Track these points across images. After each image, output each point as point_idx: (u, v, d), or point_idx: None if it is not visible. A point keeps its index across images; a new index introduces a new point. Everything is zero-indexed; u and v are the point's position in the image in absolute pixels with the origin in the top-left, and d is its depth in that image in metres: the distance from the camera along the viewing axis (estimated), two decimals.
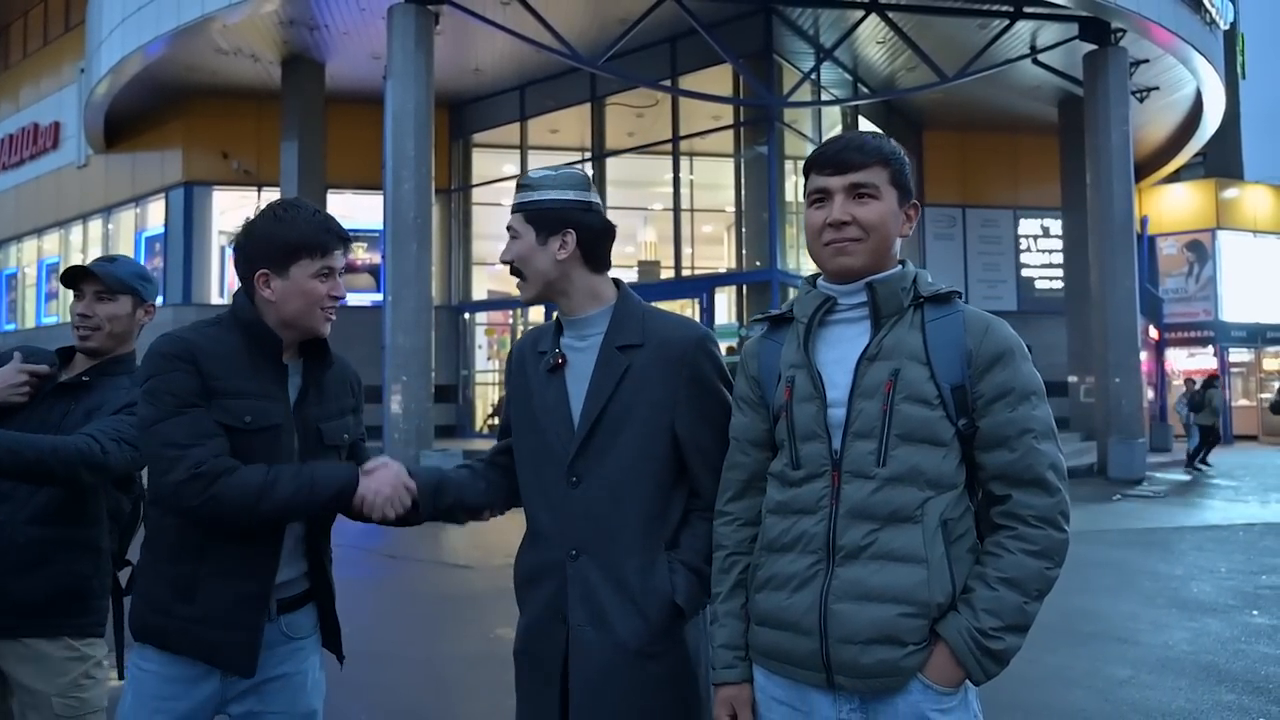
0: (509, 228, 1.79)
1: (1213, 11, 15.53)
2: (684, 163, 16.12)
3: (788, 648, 1.47)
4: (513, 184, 1.85)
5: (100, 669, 2.13)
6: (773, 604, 1.49)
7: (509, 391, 1.91)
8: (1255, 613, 5.61)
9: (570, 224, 1.75)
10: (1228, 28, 17.37)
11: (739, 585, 1.58)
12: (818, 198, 1.53)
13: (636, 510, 1.67)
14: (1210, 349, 24.50)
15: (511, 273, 1.80)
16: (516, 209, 1.78)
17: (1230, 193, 25.28)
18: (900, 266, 1.55)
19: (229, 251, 18.23)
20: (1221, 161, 27.10)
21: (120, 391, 2.11)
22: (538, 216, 1.76)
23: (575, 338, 1.77)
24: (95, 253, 20.06)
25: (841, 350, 1.51)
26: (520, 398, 1.82)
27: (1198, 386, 16.12)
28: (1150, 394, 22.39)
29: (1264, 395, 25.27)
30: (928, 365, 1.46)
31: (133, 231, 18.81)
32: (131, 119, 17.53)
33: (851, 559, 1.43)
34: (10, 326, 23.03)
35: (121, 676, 2.20)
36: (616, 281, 1.83)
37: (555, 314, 1.85)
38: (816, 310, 1.54)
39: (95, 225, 20.06)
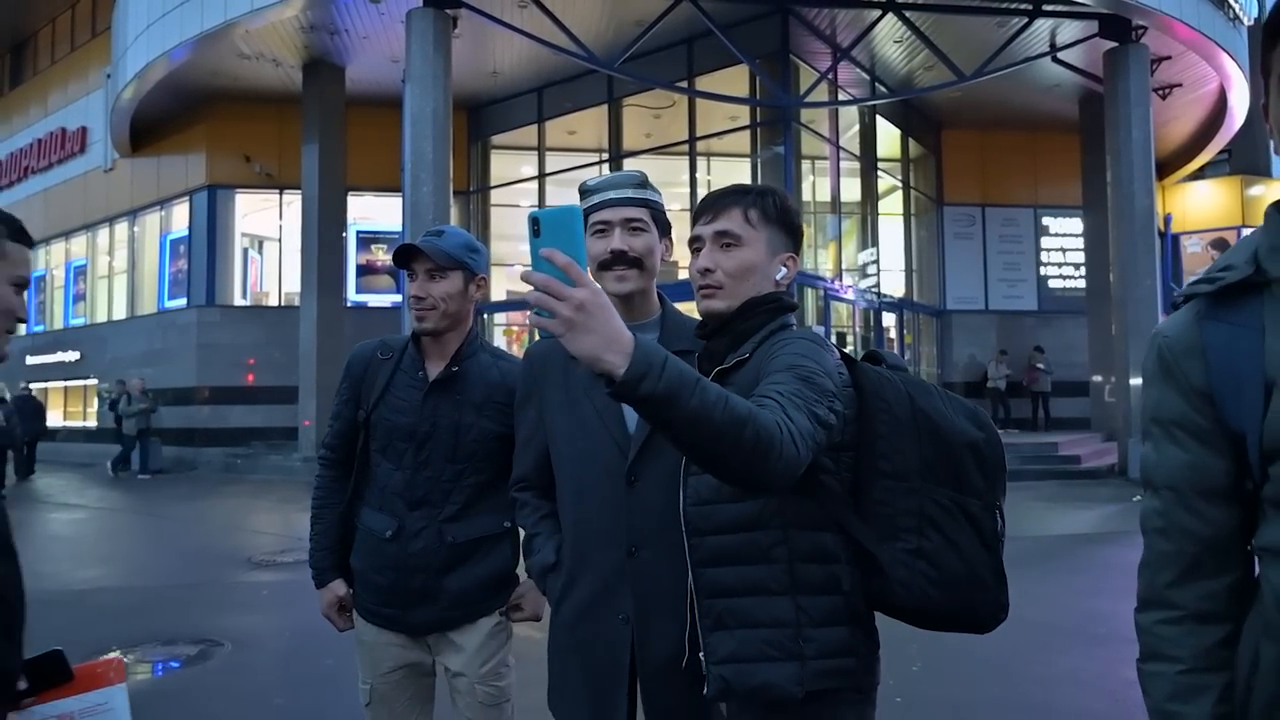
0: (634, 219, 1.75)
1: (1236, 7, 15.33)
2: (701, 163, 16.13)
3: None
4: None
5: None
6: None
7: (538, 398, 1.81)
8: None
9: (669, 232, 1.82)
10: (1252, 23, 17.14)
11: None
12: None
13: None
14: None
15: (624, 263, 1.74)
16: (640, 204, 1.75)
17: (1256, 190, 24.92)
18: None
19: (252, 254, 18.55)
20: (1248, 158, 26.68)
21: (492, 371, 2.14)
22: (657, 216, 1.79)
23: None
24: (122, 255, 20.37)
25: None
26: (558, 404, 1.76)
27: None
28: None
29: None
30: None
31: (158, 234, 19.07)
32: (156, 123, 17.80)
33: None
34: (39, 328, 23.41)
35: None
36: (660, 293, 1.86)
37: None
38: None
39: (121, 228, 20.37)
